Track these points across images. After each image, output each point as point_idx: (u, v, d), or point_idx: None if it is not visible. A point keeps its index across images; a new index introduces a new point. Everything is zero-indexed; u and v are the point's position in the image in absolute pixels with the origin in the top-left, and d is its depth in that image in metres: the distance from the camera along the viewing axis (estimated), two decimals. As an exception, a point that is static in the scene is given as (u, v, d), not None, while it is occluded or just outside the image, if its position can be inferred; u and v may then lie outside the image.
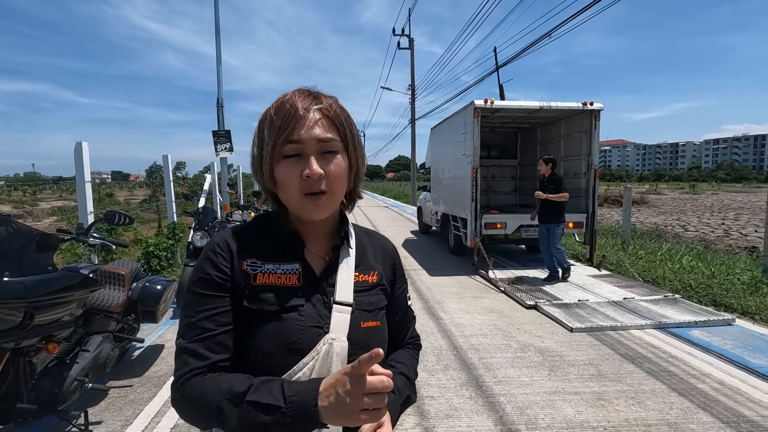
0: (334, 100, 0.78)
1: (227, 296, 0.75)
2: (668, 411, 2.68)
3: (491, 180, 9.99)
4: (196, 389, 0.67)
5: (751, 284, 5.18)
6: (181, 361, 0.71)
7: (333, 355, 0.73)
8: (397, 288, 0.93)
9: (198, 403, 0.67)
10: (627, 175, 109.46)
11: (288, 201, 0.77)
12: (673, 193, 39.21)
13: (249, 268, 0.77)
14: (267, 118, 0.76)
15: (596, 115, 6.89)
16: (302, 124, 0.72)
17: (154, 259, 6.30)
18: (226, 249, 0.78)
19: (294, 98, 0.74)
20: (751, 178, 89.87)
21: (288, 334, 0.73)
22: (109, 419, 2.63)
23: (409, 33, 23.13)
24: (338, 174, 0.76)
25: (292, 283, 0.77)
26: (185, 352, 0.71)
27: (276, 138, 0.73)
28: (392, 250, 0.96)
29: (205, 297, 0.74)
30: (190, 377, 0.69)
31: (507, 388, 3.00)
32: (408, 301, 0.97)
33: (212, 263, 0.76)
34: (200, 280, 0.75)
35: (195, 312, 0.73)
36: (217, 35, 8.65)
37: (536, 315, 4.63)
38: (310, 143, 0.73)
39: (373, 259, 0.89)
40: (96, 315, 2.69)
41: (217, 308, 0.74)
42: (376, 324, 0.82)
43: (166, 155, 7.27)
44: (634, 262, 6.79)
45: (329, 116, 0.75)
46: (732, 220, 15.87)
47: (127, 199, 24.00)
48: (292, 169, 0.73)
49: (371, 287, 0.85)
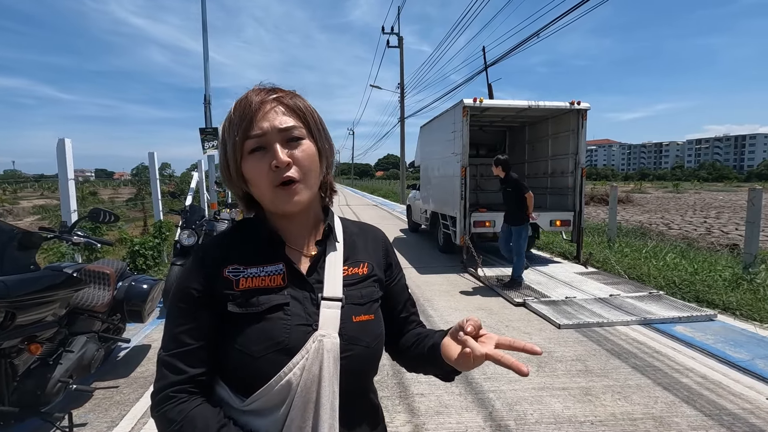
0: (291, 91, 0.77)
1: (206, 311, 0.74)
2: (653, 405, 2.73)
3: (480, 178, 10.06)
4: (175, 414, 0.69)
5: (732, 281, 5.30)
6: (160, 373, 0.73)
7: (323, 352, 0.72)
8: (394, 275, 0.92)
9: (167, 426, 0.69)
10: (613, 174, 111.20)
11: (261, 197, 0.75)
12: (657, 192, 39.95)
13: (231, 274, 0.75)
14: (227, 119, 0.75)
15: (583, 115, 6.98)
16: (260, 116, 0.71)
17: (140, 258, 6.20)
18: (208, 258, 0.77)
19: (249, 94, 0.74)
20: (731, 177, 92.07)
21: (275, 335, 0.72)
22: (95, 421, 2.58)
23: (398, 31, 23.13)
24: (307, 158, 0.74)
25: (277, 284, 0.75)
26: (164, 365, 0.72)
27: (236, 135, 0.72)
28: (383, 239, 0.94)
29: (184, 311, 0.74)
30: (167, 393, 0.70)
31: (496, 384, 3.03)
32: (407, 288, 0.96)
33: (193, 275, 0.76)
34: (180, 293, 0.75)
35: (174, 325, 0.74)
36: (204, 31, 8.54)
37: (524, 312, 4.68)
38: (272, 133, 0.71)
39: (363, 251, 0.87)
40: (80, 315, 2.63)
41: (195, 323, 0.73)
42: (369, 317, 0.80)
43: (152, 153, 7.16)
44: (619, 260, 6.90)
45: (286, 104, 0.74)
46: (714, 219, 16.23)
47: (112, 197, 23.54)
48: (259, 163, 0.72)
49: (362, 279, 0.83)
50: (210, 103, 8.63)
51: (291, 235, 0.81)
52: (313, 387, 0.70)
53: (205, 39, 8.53)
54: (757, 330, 4.04)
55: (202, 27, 8.53)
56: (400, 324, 0.93)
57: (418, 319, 0.97)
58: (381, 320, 0.84)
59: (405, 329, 0.94)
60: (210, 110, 8.61)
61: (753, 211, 5.39)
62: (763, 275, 5.23)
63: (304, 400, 0.70)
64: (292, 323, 0.73)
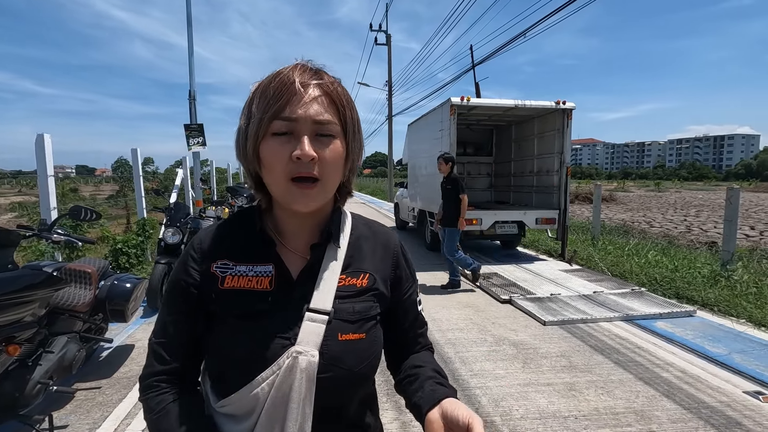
0: (336, 80, 0.69)
1: (193, 304, 0.72)
2: (635, 399, 2.79)
3: (467, 177, 10.12)
4: (153, 405, 0.71)
5: (711, 277, 5.45)
6: (148, 360, 0.74)
7: (297, 371, 0.65)
8: (403, 291, 0.82)
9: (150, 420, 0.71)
10: (597, 173, 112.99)
11: (272, 185, 0.68)
12: (639, 191, 40.77)
13: (218, 270, 0.72)
14: (260, 88, 0.66)
15: (568, 114, 7.08)
16: (298, 100, 0.64)
17: (122, 256, 6.08)
18: (199, 250, 0.74)
19: (292, 71, 0.65)
20: (711, 176, 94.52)
21: (249, 344, 0.67)
22: (76, 423, 2.53)
23: (386, 29, 23.10)
24: (333, 160, 0.67)
25: (263, 287, 0.70)
26: (151, 351, 0.74)
27: (265, 111, 0.64)
28: (395, 248, 0.83)
29: (173, 301, 0.74)
30: (151, 381, 0.72)
31: (482, 380, 3.06)
32: (419, 306, 0.86)
33: (184, 267, 0.74)
34: (171, 283, 0.75)
35: (164, 314, 0.74)
36: (189, 26, 8.39)
37: (510, 309, 4.73)
38: (305, 122, 0.64)
39: (369, 259, 0.78)
40: (61, 315, 2.57)
41: (181, 315, 0.73)
42: (358, 337, 0.71)
43: (135, 149, 7.02)
44: (603, 257, 7.03)
45: (329, 94, 0.66)
46: (693, 217, 16.63)
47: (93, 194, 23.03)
48: (281, 149, 0.64)
49: (359, 293, 0.74)
50: (195, 99, 8.49)
51: (291, 233, 0.75)
52: (281, 407, 0.65)
53: (189, 34, 8.38)
54: (734, 325, 4.16)
55: (187, 21, 8.38)
56: (403, 345, 0.84)
57: (424, 342, 0.87)
58: (375, 341, 0.75)
59: (407, 351, 0.85)
60: (195, 106, 8.47)
61: (731, 210, 5.54)
62: (740, 272, 5.39)
63: (271, 418, 0.65)
64: (269, 333, 0.67)
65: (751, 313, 4.33)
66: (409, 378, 0.79)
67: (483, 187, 10.35)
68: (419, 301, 0.86)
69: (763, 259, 6.39)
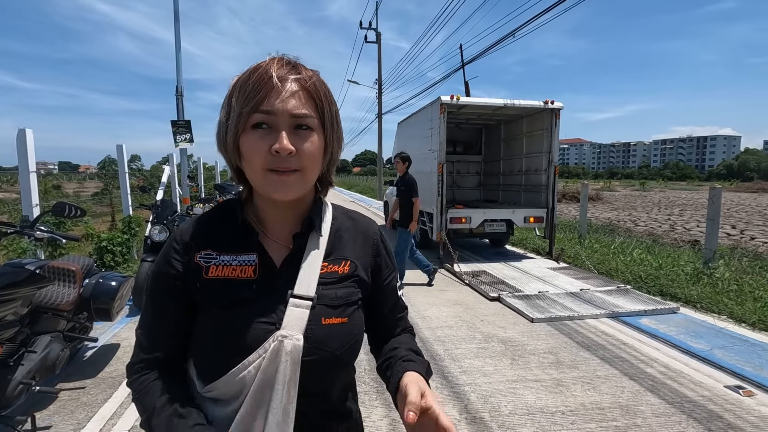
0: (314, 73, 0.71)
1: (176, 294, 0.73)
2: (620, 394, 2.84)
3: (456, 175, 10.17)
4: (138, 386, 0.73)
5: (694, 275, 5.57)
6: (134, 348, 0.76)
7: (282, 354, 0.67)
8: (383, 277, 0.85)
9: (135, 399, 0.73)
10: (584, 172, 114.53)
11: (252, 176, 0.70)
12: (625, 190, 41.42)
13: (202, 260, 0.73)
14: (239, 82, 0.68)
15: (556, 114, 7.15)
16: (276, 94, 0.65)
17: (107, 254, 5.97)
18: (181, 241, 0.75)
19: (270, 65, 0.67)
20: (694, 176, 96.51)
21: (234, 330, 0.68)
22: (59, 423, 2.48)
23: (376, 26, 23.05)
24: (311, 153, 0.69)
25: (247, 275, 0.72)
26: (137, 340, 0.76)
27: (244, 105, 0.66)
28: (375, 236, 0.86)
29: (157, 292, 0.75)
30: (136, 368, 0.74)
31: (471, 377, 3.08)
32: (399, 291, 0.89)
33: (167, 258, 0.75)
34: (154, 274, 0.76)
35: (148, 304, 0.77)
36: (176, 21, 8.26)
37: (499, 307, 4.78)
38: (283, 116, 0.66)
39: (350, 247, 0.81)
40: (44, 314, 2.52)
41: (164, 305, 0.74)
42: (341, 321, 0.74)
43: (121, 145, 6.90)
44: (589, 255, 7.13)
45: (307, 88, 0.68)
46: (677, 216, 16.96)
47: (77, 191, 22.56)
48: (260, 142, 0.66)
49: (341, 279, 0.77)
50: (182, 95, 8.37)
51: (273, 223, 0.77)
52: (266, 389, 0.67)
53: (177, 28, 8.26)
54: (716, 321, 4.26)
55: (174, 16, 8.25)
56: (384, 329, 0.87)
57: (405, 325, 0.90)
58: (357, 325, 0.78)
59: (389, 335, 0.87)
60: (182, 102, 8.35)
61: (713, 209, 5.66)
62: (721, 270, 5.52)
63: (256, 401, 0.67)
64: (254, 319, 0.69)
65: (732, 310, 4.44)
66: (387, 361, 0.82)
67: (472, 186, 10.41)
68: (399, 287, 0.90)
69: (743, 257, 6.55)
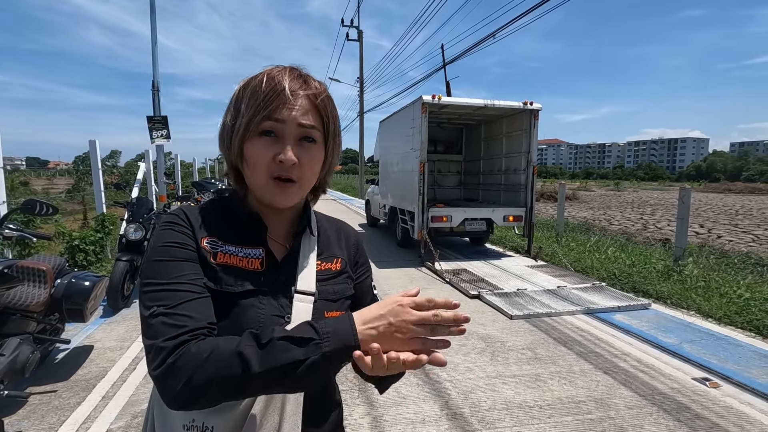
0: (323, 88, 0.74)
1: (197, 263, 0.69)
2: (595, 388, 2.93)
3: (437, 174, 10.25)
4: (201, 346, 0.58)
5: (665, 272, 5.77)
6: (160, 339, 0.59)
7: None
8: (363, 275, 0.91)
9: (205, 359, 0.56)
10: (561, 172, 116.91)
11: (253, 181, 0.73)
12: (600, 190, 42.54)
13: (209, 245, 0.72)
14: (249, 88, 0.70)
15: (535, 115, 7.28)
16: (286, 107, 0.69)
17: (79, 253, 5.78)
18: (187, 222, 0.73)
19: (283, 76, 0.70)
20: (665, 177, 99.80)
21: (246, 322, 0.69)
22: (30, 429, 2.40)
23: (358, 24, 22.98)
24: (312, 164, 0.73)
25: (254, 267, 0.73)
26: (155, 330, 0.59)
27: (254, 113, 0.68)
28: (355, 236, 0.93)
29: (176, 263, 0.66)
30: (182, 339, 0.58)
31: (452, 374, 3.12)
32: (374, 289, 0.94)
33: (177, 232, 0.70)
34: (167, 248, 0.67)
35: (165, 281, 0.64)
36: (153, 13, 8.04)
37: (479, 304, 4.85)
38: (291, 125, 0.69)
39: (337, 246, 0.87)
40: (12, 315, 2.43)
41: (191, 273, 0.67)
42: (340, 314, 0.74)
43: (94, 141, 6.68)
44: (566, 253, 7.30)
45: (316, 104, 0.72)
46: (649, 215, 17.52)
47: (46, 188, 21.69)
48: (265, 150, 0.69)
49: (335, 275, 0.82)
50: (159, 90, 8.15)
51: (269, 223, 0.79)
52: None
53: (153, 21, 8.04)
54: (685, 317, 4.43)
55: (150, 8, 8.03)
56: None
57: None
58: None
59: None
60: (159, 97, 8.13)
61: (682, 209, 5.88)
62: (690, 267, 5.74)
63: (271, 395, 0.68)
64: (266, 313, 0.71)
65: (699, 306, 4.63)
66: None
67: (453, 185, 10.51)
68: (374, 286, 0.93)
69: (711, 255, 6.83)
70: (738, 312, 4.34)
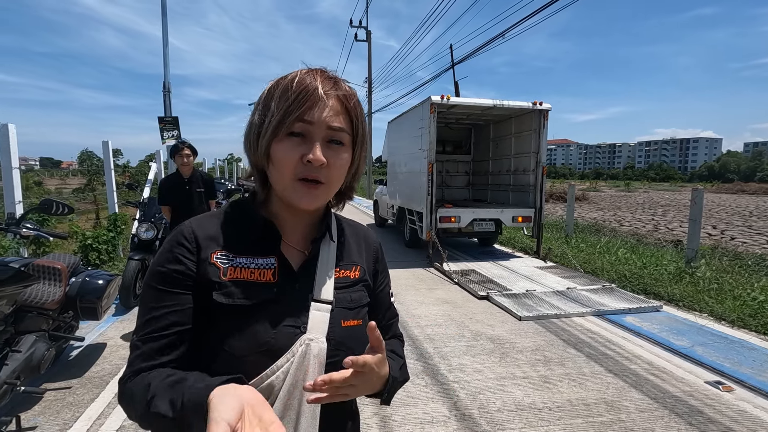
0: (354, 91, 0.74)
1: (186, 293, 0.69)
2: (605, 391, 2.91)
3: (446, 175, 10.23)
4: (129, 387, 0.65)
5: (676, 274, 5.70)
6: (130, 359, 0.68)
7: (310, 357, 0.68)
8: (380, 283, 0.89)
9: (129, 397, 0.64)
10: (570, 173, 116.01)
11: (278, 182, 0.71)
12: (610, 191, 42.10)
13: (219, 261, 0.71)
14: (280, 87, 0.69)
15: (545, 115, 7.24)
16: (318, 107, 0.68)
17: (92, 252, 5.88)
18: (192, 239, 0.71)
19: (315, 78, 0.69)
20: (676, 178, 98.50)
21: (260, 334, 0.68)
22: (45, 424, 2.45)
23: (366, 25, 23.01)
24: (339, 167, 0.72)
25: (267, 278, 0.71)
26: (134, 350, 0.67)
27: (286, 113, 0.67)
28: (376, 243, 0.91)
29: (161, 293, 0.68)
30: (132, 376, 0.66)
31: (461, 375, 3.12)
32: (391, 297, 0.92)
33: (173, 256, 0.70)
34: (158, 274, 0.69)
35: (149, 309, 0.68)
36: (164, 15, 8.15)
37: (488, 305, 4.83)
38: (320, 127, 0.68)
39: (357, 253, 0.85)
40: (29, 312, 2.48)
41: (172, 306, 0.68)
42: (357, 323, 0.77)
43: (107, 141, 6.79)
44: (576, 255, 7.24)
45: (347, 106, 0.71)
46: (660, 216, 17.31)
47: (59, 187, 22.05)
48: (293, 150, 0.68)
49: (353, 283, 0.80)
50: (170, 91, 8.26)
51: (288, 228, 0.78)
52: (296, 393, 0.67)
53: (164, 23, 8.15)
54: (697, 319, 4.37)
55: (162, 11, 8.14)
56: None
57: (395, 330, 0.92)
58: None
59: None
60: (169, 98, 8.24)
61: (695, 210, 5.81)
62: (703, 269, 5.66)
63: (285, 405, 0.67)
64: (279, 323, 0.69)
65: (712, 308, 4.56)
66: None
67: (461, 185, 10.48)
68: (391, 294, 0.93)
69: (724, 256, 6.73)
70: (752, 315, 4.28)
